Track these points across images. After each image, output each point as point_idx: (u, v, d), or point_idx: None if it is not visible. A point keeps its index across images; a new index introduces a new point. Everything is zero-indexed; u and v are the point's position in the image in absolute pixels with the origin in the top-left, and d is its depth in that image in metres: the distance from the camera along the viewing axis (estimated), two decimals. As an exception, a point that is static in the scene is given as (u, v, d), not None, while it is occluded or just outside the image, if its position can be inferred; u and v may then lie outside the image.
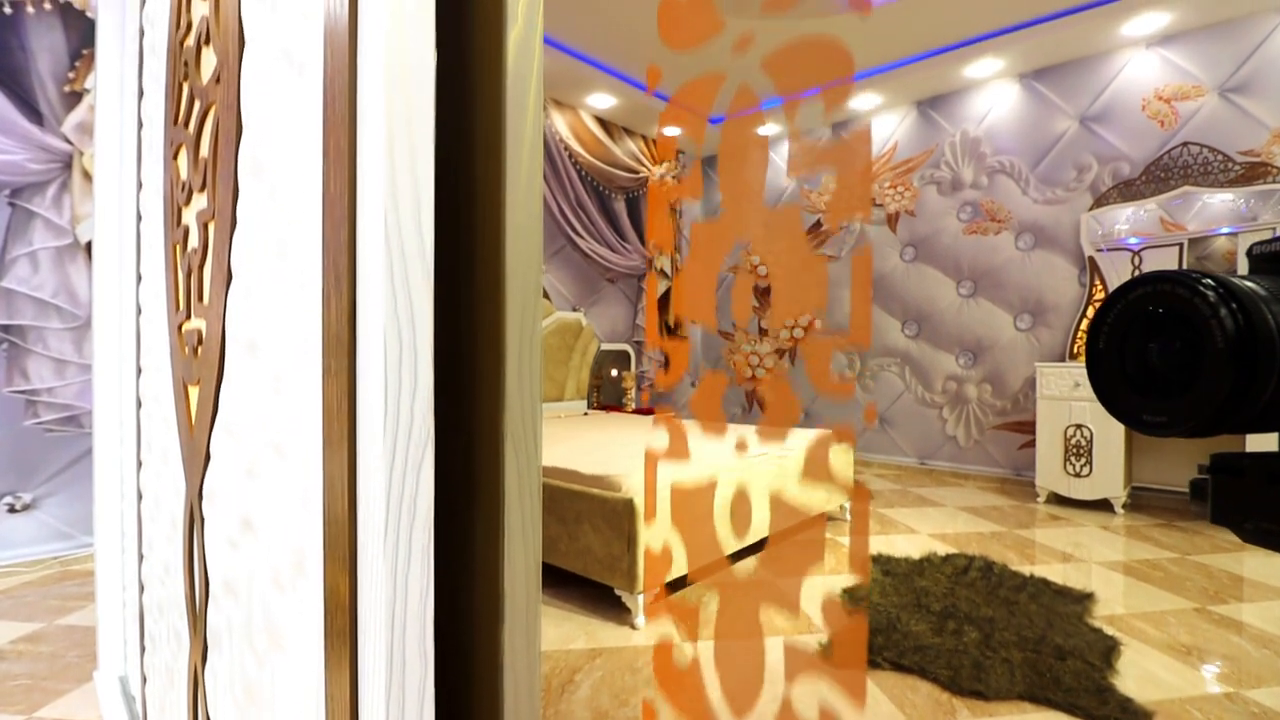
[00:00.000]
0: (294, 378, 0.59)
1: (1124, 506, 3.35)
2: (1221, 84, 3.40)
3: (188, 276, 0.90)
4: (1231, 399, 0.37)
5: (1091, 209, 3.75)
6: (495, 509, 0.49)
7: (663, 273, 5.31)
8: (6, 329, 2.47)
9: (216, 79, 0.77)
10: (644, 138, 5.14)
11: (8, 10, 2.46)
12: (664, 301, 5.25)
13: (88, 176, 2.60)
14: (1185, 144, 3.48)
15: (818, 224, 5.00)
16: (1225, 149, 3.37)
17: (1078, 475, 3.40)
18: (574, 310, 4.59)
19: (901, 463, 4.57)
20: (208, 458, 0.82)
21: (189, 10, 0.90)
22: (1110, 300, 0.43)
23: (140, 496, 1.39)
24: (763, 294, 5.33)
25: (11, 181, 2.48)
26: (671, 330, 5.18)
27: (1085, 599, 2.17)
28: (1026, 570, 2.42)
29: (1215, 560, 2.61)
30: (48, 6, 2.55)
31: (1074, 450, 3.42)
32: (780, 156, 5.28)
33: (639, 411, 4.53)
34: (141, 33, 1.37)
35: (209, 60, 0.81)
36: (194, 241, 0.87)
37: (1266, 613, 2.12)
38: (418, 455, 0.46)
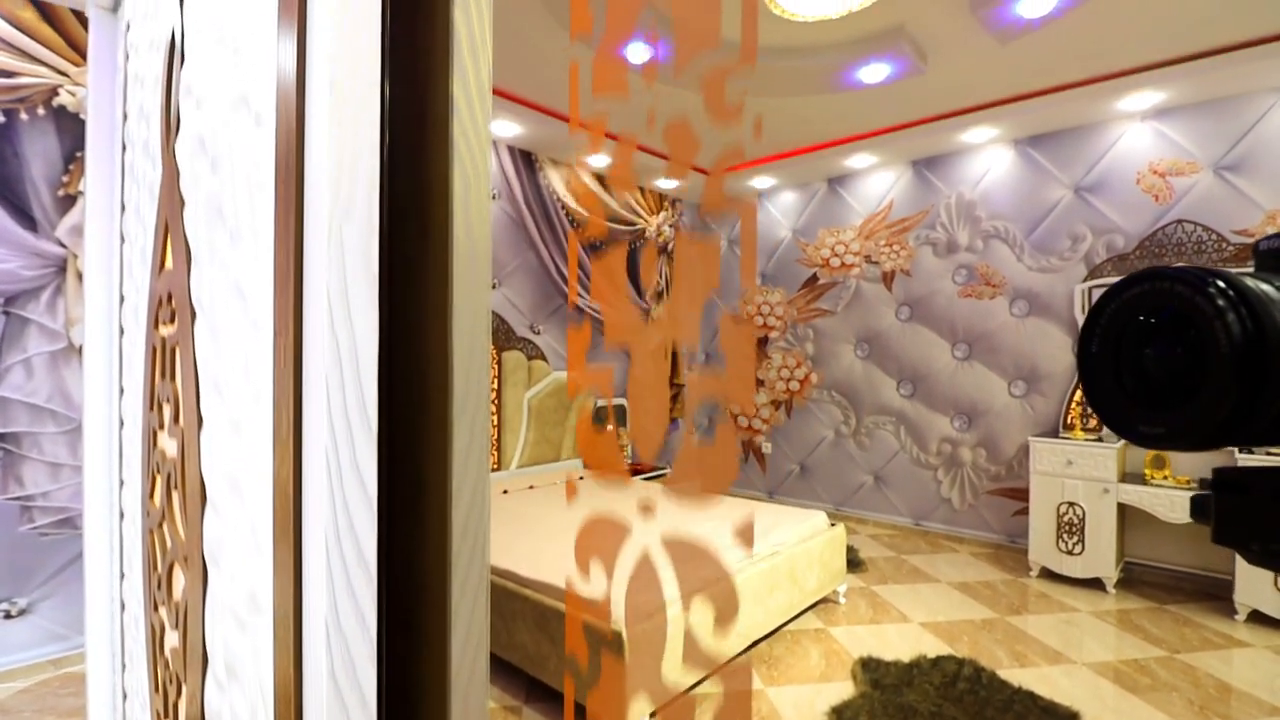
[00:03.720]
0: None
1: (1116, 585, 3.36)
2: (1216, 161, 3.40)
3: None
4: (1238, 410, 0.33)
5: (1086, 280, 3.76)
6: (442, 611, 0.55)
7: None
8: (2, 437, 2.48)
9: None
10: (641, 189, 5.15)
11: (0, 119, 2.47)
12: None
13: (82, 279, 2.61)
14: (1179, 221, 3.48)
15: (814, 278, 5.00)
16: (1219, 228, 3.37)
17: (1070, 553, 3.41)
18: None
19: (897, 522, 4.59)
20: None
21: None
22: (1104, 299, 0.39)
23: (123, 607, 1.40)
24: (760, 344, 5.34)
25: (5, 290, 2.49)
26: (671, 380, 5.19)
27: (1071, 720, 2.18)
28: (1015, 678, 2.43)
29: (1203, 661, 2.62)
30: (41, 111, 2.56)
31: (1066, 528, 3.43)
32: (776, 208, 5.28)
33: (632, 470, 4.54)
34: (124, 148, 1.37)
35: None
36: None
37: (1251, 736, 2.14)
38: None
